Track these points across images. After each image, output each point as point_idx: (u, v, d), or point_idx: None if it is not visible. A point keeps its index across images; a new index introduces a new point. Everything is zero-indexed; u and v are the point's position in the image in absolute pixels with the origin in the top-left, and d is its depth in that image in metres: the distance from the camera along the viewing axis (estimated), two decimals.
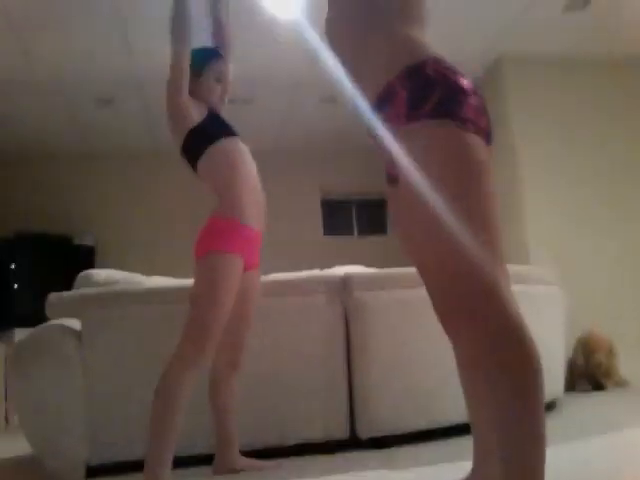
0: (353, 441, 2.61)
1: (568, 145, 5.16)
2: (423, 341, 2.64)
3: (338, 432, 2.60)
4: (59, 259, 6.04)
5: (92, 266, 5.88)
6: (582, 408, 3.35)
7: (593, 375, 4.09)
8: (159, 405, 1.94)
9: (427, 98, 1.18)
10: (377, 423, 2.58)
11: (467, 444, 1.62)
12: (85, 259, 6.09)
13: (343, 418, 2.60)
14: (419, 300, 2.82)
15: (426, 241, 1.19)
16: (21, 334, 4.49)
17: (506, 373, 1.12)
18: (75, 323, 2.55)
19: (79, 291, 2.66)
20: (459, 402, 2.69)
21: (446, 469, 2.05)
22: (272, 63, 5.00)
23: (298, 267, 3.06)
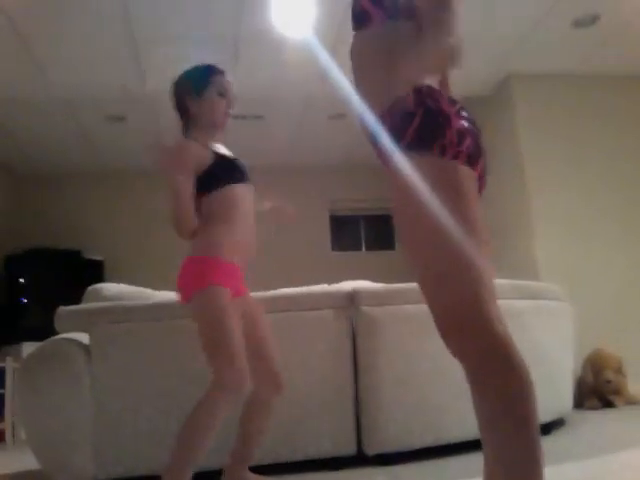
0: (360, 457, 2.60)
1: (577, 161, 5.15)
2: (431, 356, 2.63)
3: (345, 448, 2.59)
4: (68, 273, 6.07)
5: (101, 280, 5.89)
6: (591, 426, 3.33)
7: (602, 392, 4.06)
8: (191, 429, 1.95)
9: (405, 130, 1.22)
10: (384, 439, 2.57)
11: (475, 461, 1.61)
12: (94, 273, 6.12)
13: (350, 434, 2.59)
14: (427, 315, 2.82)
15: (417, 262, 1.26)
16: (29, 348, 4.51)
17: (493, 393, 1.14)
18: (84, 337, 2.56)
19: (88, 305, 2.67)
20: (467, 419, 2.68)
21: None
22: (282, 81, 5.04)
23: (306, 282, 3.06)
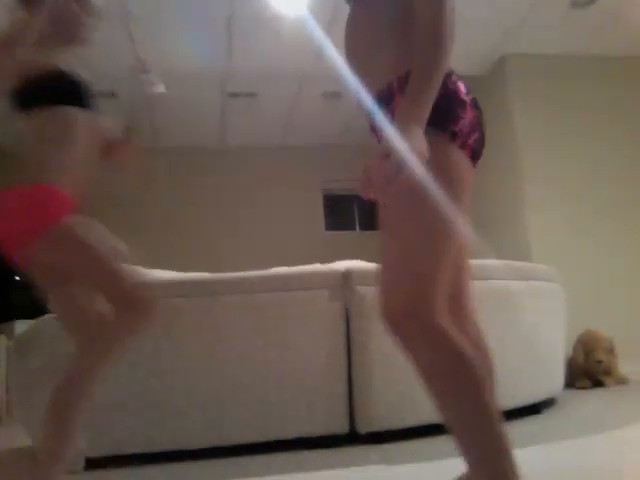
0: (352, 436, 2.62)
1: (572, 143, 5.15)
2: None
3: (338, 427, 2.60)
4: None
5: None
6: (582, 405, 3.36)
7: (593, 373, 4.09)
8: None
9: None
10: (376, 418, 2.59)
11: None
12: None
13: (343, 413, 2.61)
14: None
15: (393, 234, 1.26)
16: (22, 326, 4.51)
17: (440, 382, 1.17)
18: None
19: None
20: None
21: (445, 465, 2.06)
22: (276, 59, 5.00)
23: (300, 262, 3.06)
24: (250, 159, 7.03)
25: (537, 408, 3.00)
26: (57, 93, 1.81)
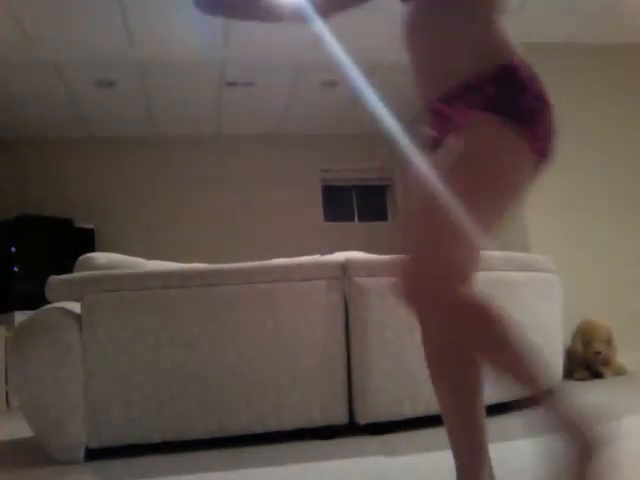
0: (351, 427, 2.63)
1: (573, 134, 5.10)
2: None
3: (337, 417, 2.61)
4: (59, 242, 6.03)
5: (93, 249, 5.88)
6: (580, 396, 3.36)
7: (591, 363, 4.10)
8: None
9: (511, 102, 1.22)
10: (375, 409, 2.59)
11: None
12: (86, 242, 6.09)
13: (342, 404, 2.61)
14: None
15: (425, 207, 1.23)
16: (21, 317, 4.51)
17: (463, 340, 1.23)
18: (75, 306, 2.55)
19: (79, 274, 2.65)
20: None
21: (443, 455, 2.06)
22: (273, 47, 4.96)
23: (298, 253, 3.06)
24: (248, 149, 7.01)
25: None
26: None
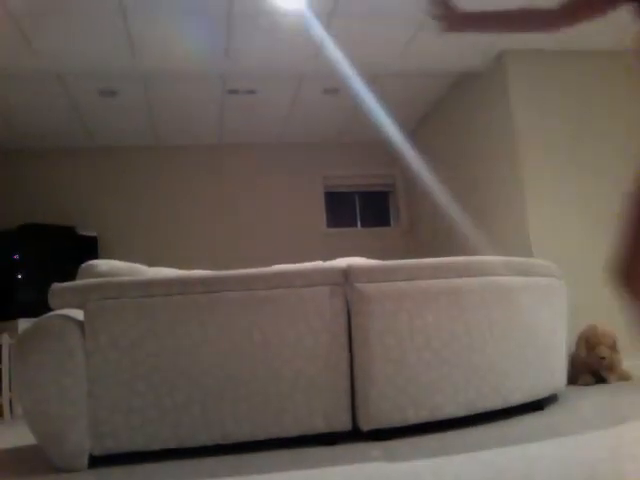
0: (354, 433, 2.62)
1: (572, 138, 5.13)
2: (424, 333, 2.65)
3: (340, 424, 2.60)
4: (62, 250, 6.05)
5: (95, 257, 5.89)
6: (585, 402, 3.35)
7: (596, 369, 4.09)
8: None
9: None
10: (378, 415, 2.59)
11: (467, 437, 1.62)
12: (88, 250, 6.10)
13: (345, 410, 2.61)
14: (421, 292, 2.84)
15: None
16: (25, 324, 4.52)
17: None
18: (78, 313, 2.56)
19: (82, 282, 2.66)
20: (459, 395, 2.70)
21: (447, 461, 2.06)
22: (276, 55, 4.98)
23: (301, 259, 3.06)
24: (250, 156, 7.03)
25: (540, 404, 3.00)
26: None
